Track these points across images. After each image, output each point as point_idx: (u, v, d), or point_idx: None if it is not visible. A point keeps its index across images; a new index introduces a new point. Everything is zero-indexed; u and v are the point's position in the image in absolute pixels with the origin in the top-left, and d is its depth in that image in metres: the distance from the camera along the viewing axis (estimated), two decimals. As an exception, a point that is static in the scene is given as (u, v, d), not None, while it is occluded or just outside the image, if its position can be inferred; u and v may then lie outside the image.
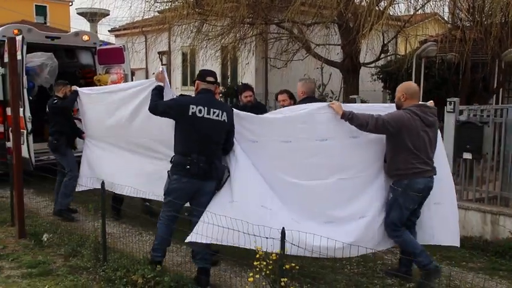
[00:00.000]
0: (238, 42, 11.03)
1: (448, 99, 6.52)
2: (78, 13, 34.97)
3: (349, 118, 4.51)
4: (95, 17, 29.69)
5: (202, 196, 4.58)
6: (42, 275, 4.97)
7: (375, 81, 15.11)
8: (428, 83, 10.54)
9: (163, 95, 4.83)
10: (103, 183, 5.16)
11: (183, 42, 12.34)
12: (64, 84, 7.10)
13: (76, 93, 6.52)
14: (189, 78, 17.02)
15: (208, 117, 4.49)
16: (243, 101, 6.58)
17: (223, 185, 4.58)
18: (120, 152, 5.91)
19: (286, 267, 3.80)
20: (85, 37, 9.54)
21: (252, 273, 3.94)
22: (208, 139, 4.52)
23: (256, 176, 4.56)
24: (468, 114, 6.61)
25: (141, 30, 17.01)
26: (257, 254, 3.89)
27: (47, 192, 7.94)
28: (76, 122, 7.30)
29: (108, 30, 22.78)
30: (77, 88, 6.64)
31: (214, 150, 4.58)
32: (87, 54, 9.85)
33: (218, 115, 4.53)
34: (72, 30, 14.80)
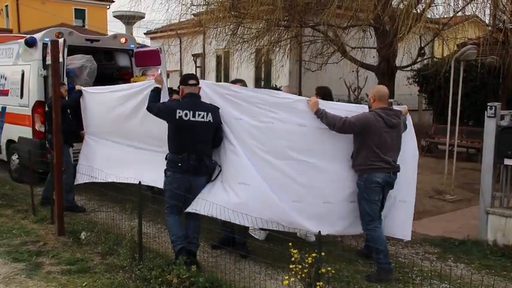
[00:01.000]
0: (273, 45, 11.03)
1: (488, 104, 6.33)
2: (114, 16, 35.71)
3: (320, 116, 5.02)
4: (131, 20, 30.24)
5: (195, 189, 5.05)
6: (80, 272, 5.09)
7: (410, 84, 14.91)
8: (466, 87, 10.31)
9: (160, 97, 5.39)
10: (140, 183, 5.25)
11: (217, 45, 12.43)
12: (60, 84, 7.41)
13: (80, 93, 6.99)
14: (223, 81, 17.12)
15: (194, 119, 4.97)
16: None
17: (216, 178, 5.11)
18: (118, 146, 6.52)
19: (322, 271, 3.78)
20: (123, 39, 9.72)
21: (287, 276, 3.94)
22: (196, 139, 5.00)
23: (237, 155, 5.04)
24: (510, 119, 6.41)
25: (176, 32, 17.24)
26: (292, 257, 3.88)
27: (84, 191, 8.12)
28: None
29: (144, 33, 23.20)
30: (81, 88, 7.17)
31: (203, 149, 5.04)
32: (125, 57, 10.02)
33: (203, 117, 5.00)
34: (109, 33, 15.13)
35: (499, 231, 5.84)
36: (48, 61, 7.98)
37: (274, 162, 5.06)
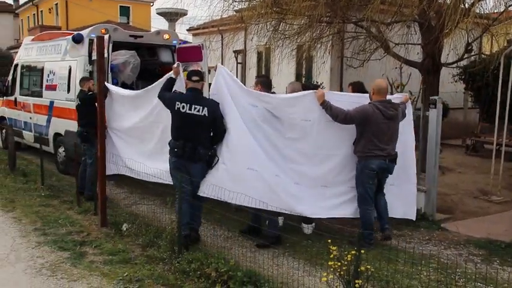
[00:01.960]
0: (314, 42, 10.88)
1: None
2: (158, 13, 36.27)
3: (325, 108, 5.59)
4: (174, 16, 30.66)
5: (193, 175, 5.56)
6: (121, 263, 5.22)
7: (456, 82, 14.46)
8: (516, 84, 9.89)
9: (172, 86, 5.85)
10: (180, 176, 5.32)
11: (259, 41, 12.40)
12: (88, 79, 7.99)
13: (107, 89, 7.04)
14: (264, 78, 17.07)
15: (190, 112, 5.48)
16: None
17: (213, 167, 5.59)
18: (134, 140, 6.88)
19: (361, 269, 3.72)
20: (166, 36, 9.85)
21: (325, 273, 3.91)
22: (191, 130, 5.51)
23: (246, 141, 5.52)
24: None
25: (218, 29, 17.35)
26: (331, 254, 3.84)
27: (125, 184, 8.30)
28: None
29: (186, 29, 23.43)
30: (107, 84, 7.24)
31: (198, 139, 5.52)
32: (167, 52, 10.14)
33: (199, 111, 5.47)
34: (152, 29, 15.40)
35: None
36: (94, 57, 8.18)
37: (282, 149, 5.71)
